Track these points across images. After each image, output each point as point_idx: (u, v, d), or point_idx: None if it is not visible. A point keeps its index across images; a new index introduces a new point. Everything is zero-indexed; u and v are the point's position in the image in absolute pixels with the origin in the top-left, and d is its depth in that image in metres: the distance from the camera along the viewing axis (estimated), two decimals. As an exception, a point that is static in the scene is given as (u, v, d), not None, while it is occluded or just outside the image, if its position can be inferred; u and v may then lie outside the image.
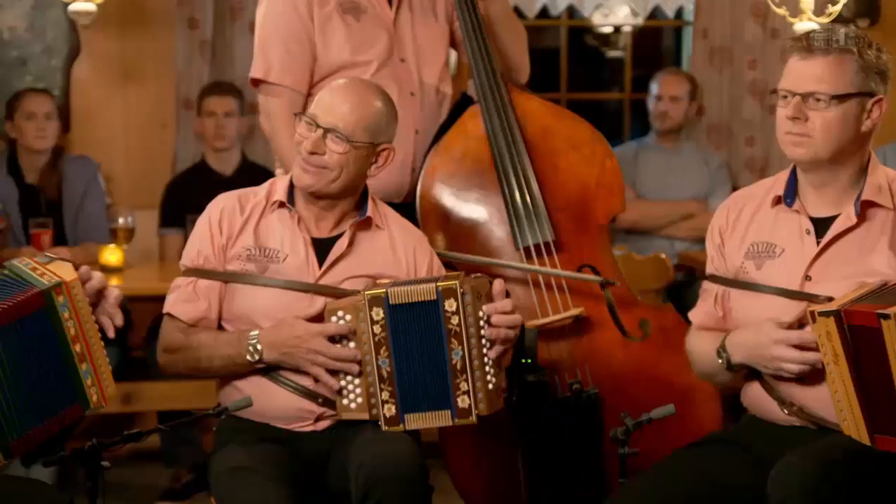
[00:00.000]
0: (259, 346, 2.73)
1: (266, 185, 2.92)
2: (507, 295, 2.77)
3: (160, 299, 2.91)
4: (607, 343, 3.35)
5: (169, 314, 2.83)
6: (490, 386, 2.71)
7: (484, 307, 2.69)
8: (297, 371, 2.76)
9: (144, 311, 4.67)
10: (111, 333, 2.53)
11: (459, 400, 2.69)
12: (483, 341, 2.69)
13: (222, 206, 2.86)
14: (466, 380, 2.68)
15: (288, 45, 3.34)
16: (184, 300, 2.81)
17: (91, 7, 4.84)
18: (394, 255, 2.89)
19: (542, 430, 3.18)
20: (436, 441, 3.27)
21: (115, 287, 2.57)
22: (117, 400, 4.20)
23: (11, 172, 4.71)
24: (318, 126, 2.78)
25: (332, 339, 2.73)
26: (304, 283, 2.80)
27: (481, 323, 2.69)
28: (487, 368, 2.70)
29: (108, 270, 4.36)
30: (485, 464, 3.32)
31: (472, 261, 3.30)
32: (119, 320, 2.53)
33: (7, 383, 2.36)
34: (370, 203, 2.90)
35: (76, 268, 2.47)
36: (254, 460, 2.66)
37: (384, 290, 2.69)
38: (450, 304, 2.66)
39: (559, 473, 3.23)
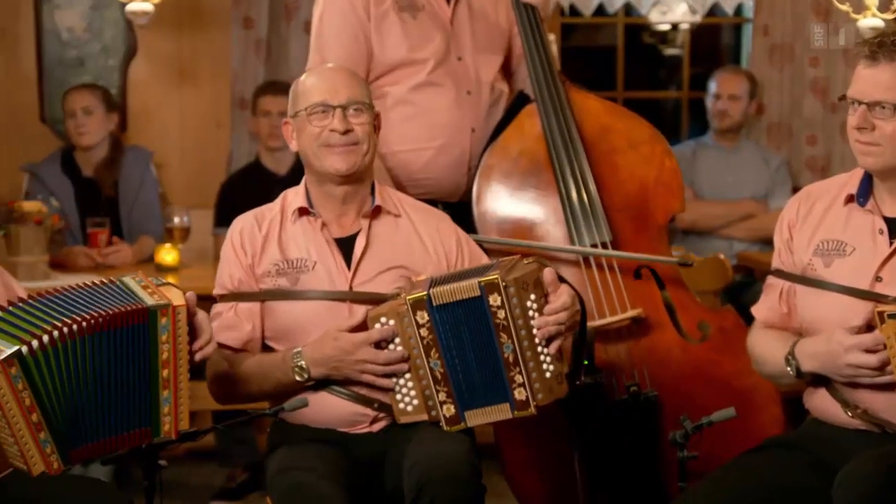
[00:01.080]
0: (305, 365, 2.71)
1: (279, 199, 2.91)
2: (564, 280, 2.71)
3: (215, 299, 2.89)
4: (665, 345, 3.31)
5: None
6: (547, 374, 2.65)
7: (532, 296, 2.63)
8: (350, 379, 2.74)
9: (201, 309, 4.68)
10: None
11: (516, 392, 2.65)
12: (534, 331, 2.64)
13: (240, 227, 2.86)
14: (520, 372, 2.64)
15: (345, 42, 3.33)
16: (228, 327, 2.79)
17: (148, 7, 4.87)
18: (419, 239, 2.86)
19: (599, 432, 3.15)
20: (491, 442, 3.24)
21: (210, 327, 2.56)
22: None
23: (67, 170, 4.74)
24: (334, 108, 2.78)
25: (377, 344, 2.70)
26: (342, 292, 2.77)
27: (530, 313, 2.64)
28: (542, 358, 2.65)
29: (163, 270, 4.38)
30: (541, 466, 3.29)
31: (523, 246, 3.27)
32: (202, 356, 2.53)
33: (87, 388, 2.37)
34: (377, 191, 2.87)
35: (185, 296, 2.47)
36: (309, 460, 2.65)
37: (425, 292, 2.65)
38: (494, 299, 2.61)
39: (616, 476, 3.21)
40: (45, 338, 2.32)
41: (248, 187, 4.70)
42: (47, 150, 4.91)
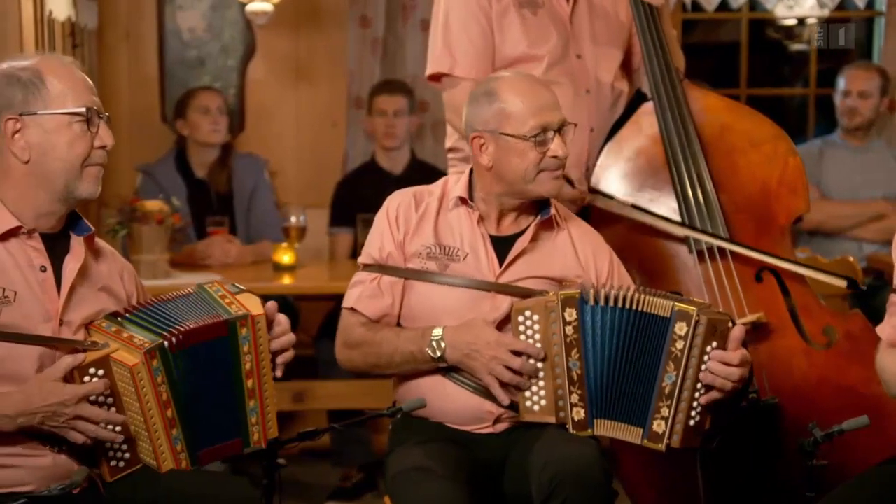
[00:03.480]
0: (443, 344, 2.69)
1: (440, 183, 2.89)
2: (745, 346, 2.65)
3: (330, 298, 2.91)
4: (788, 350, 3.23)
5: (352, 309, 2.80)
6: (691, 423, 2.61)
7: (714, 343, 2.58)
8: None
9: (314, 309, 4.71)
10: (279, 372, 2.53)
11: (655, 423, 2.61)
12: (700, 375, 2.59)
13: (398, 202, 2.84)
14: (669, 406, 2.60)
15: (472, 37, 3.31)
16: (368, 296, 2.79)
17: (268, 7, 4.92)
18: (575, 255, 2.83)
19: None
20: (607, 445, 3.18)
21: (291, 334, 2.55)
22: (289, 398, 4.24)
23: (180, 169, 4.81)
24: (555, 131, 2.74)
25: (517, 354, 2.67)
26: (489, 282, 2.75)
27: (705, 358, 2.59)
28: (695, 404, 2.60)
29: (280, 269, 4.42)
30: (659, 472, 3.24)
31: (640, 218, 3.23)
32: (279, 372, 2.52)
33: (174, 404, 2.38)
34: (552, 202, 2.84)
35: (263, 304, 2.48)
36: (430, 460, 2.64)
37: (578, 290, 2.63)
38: (680, 328, 2.58)
39: (737, 485, 3.13)
40: (173, 340, 2.36)
41: (364, 186, 4.72)
42: (167, 150, 4.98)
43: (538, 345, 2.66)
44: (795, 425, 2.96)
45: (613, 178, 3.33)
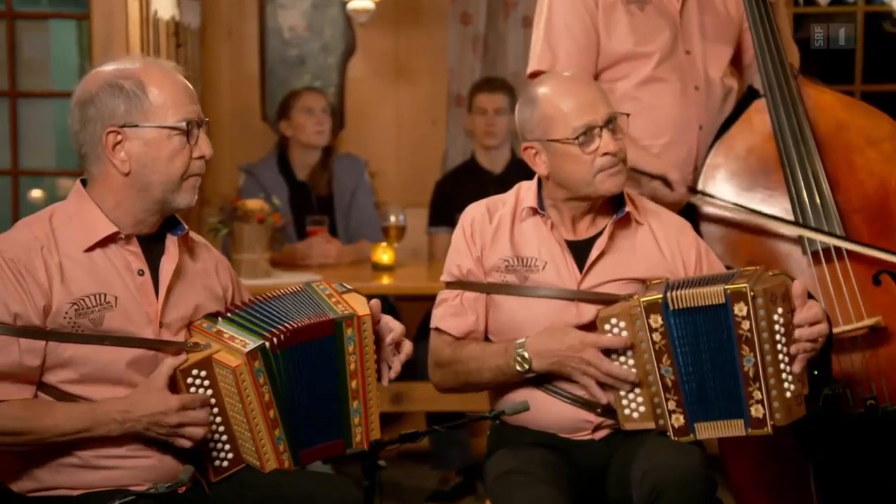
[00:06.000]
0: (527, 355, 2.66)
1: (513, 191, 2.85)
2: (811, 296, 2.59)
3: (429, 298, 2.91)
4: (908, 356, 3.13)
5: (437, 329, 2.79)
6: (788, 394, 2.55)
7: (780, 310, 2.52)
8: (573, 381, 2.68)
9: (414, 309, 4.69)
10: (385, 381, 2.53)
11: (752, 409, 2.56)
12: (779, 346, 2.53)
13: (472, 217, 2.82)
14: (760, 388, 2.54)
15: (575, 35, 3.26)
16: (451, 314, 2.78)
17: (369, 5, 4.92)
18: (658, 250, 2.77)
19: (834, 449, 3.00)
20: (716, 454, 3.14)
21: (405, 341, 2.54)
22: (387, 399, 4.23)
23: (282, 171, 4.82)
24: (601, 127, 2.67)
25: (607, 352, 2.62)
26: (572, 290, 2.71)
27: (776, 327, 2.52)
28: (784, 375, 2.55)
29: (379, 269, 4.42)
30: (770, 482, 3.18)
31: (745, 217, 3.17)
32: (394, 372, 2.52)
33: (276, 404, 2.38)
34: (626, 198, 2.78)
35: (369, 303, 2.48)
36: (532, 464, 2.62)
37: (660, 294, 2.57)
38: (739, 309, 2.52)
39: (853, 496, 3.06)
40: (275, 340, 2.36)
41: (463, 186, 4.68)
42: (267, 149, 5.00)
43: (630, 362, 2.61)
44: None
45: (722, 178, 3.26)
